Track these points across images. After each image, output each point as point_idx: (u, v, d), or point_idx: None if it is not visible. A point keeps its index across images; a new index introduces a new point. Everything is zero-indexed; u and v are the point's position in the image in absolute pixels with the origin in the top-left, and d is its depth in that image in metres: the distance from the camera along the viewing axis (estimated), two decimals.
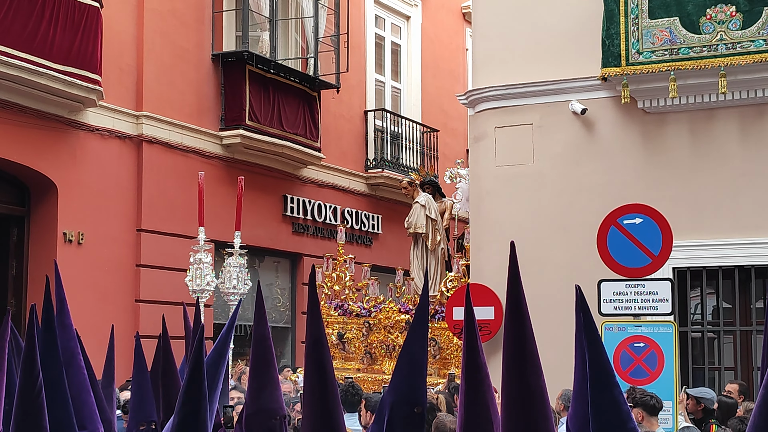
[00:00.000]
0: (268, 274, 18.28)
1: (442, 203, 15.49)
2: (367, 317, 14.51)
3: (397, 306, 14.45)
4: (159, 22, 15.71)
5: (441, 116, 21.84)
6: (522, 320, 2.05)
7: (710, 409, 9.24)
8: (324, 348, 2.27)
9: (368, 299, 14.78)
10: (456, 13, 23.43)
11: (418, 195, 14.97)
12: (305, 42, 18.47)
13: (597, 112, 12.08)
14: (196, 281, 10.18)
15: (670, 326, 8.86)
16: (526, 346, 2.03)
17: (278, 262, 18.40)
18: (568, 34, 12.20)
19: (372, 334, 14.42)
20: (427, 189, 15.30)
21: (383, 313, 14.41)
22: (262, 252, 17.85)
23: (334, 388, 2.25)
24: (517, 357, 2.03)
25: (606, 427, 2.06)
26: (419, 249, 14.82)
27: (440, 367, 13.71)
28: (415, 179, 15.36)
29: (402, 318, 14.21)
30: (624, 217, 9.13)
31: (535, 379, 2.02)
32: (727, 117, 11.56)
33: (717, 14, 11.06)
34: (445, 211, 15.40)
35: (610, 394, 2.07)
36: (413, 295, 14.45)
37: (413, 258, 14.87)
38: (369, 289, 14.95)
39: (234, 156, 16.84)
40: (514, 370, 2.03)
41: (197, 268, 9.55)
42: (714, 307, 12.09)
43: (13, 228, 14.35)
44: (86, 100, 14.11)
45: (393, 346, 14.21)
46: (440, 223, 14.93)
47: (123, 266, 14.93)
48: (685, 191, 11.56)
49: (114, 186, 14.86)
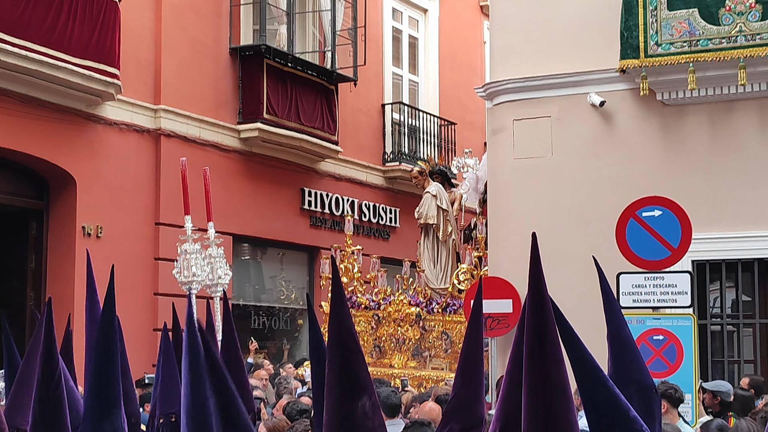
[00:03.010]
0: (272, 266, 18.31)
1: (452, 193, 15.26)
2: (376, 310, 14.29)
3: (407, 298, 14.24)
4: (177, 16, 15.73)
5: (459, 109, 21.79)
6: (544, 311, 2.04)
7: (727, 402, 9.22)
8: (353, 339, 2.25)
9: (377, 291, 14.58)
10: (474, 5, 23.38)
11: (429, 185, 14.78)
12: (323, 35, 18.46)
13: (615, 104, 12.03)
14: (183, 273, 9.89)
15: (690, 319, 8.82)
16: (548, 338, 2.02)
17: (282, 254, 18.37)
18: (586, 26, 12.15)
19: (381, 327, 14.20)
20: (436, 178, 15.10)
21: (393, 305, 14.20)
22: (280, 245, 17.89)
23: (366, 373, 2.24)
24: (538, 348, 2.02)
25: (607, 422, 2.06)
26: (430, 240, 14.59)
27: (452, 362, 13.51)
28: (425, 168, 15.20)
29: (412, 311, 13.95)
30: (643, 209, 9.09)
31: (556, 370, 2.00)
32: (746, 109, 11.50)
33: (736, 5, 11.00)
34: (455, 202, 15.22)
35: (605, 389, 2.07)
36: (423, 287, 14.31)
37: (423, 249, 14.64)
38: (378, 281, 14.77)
39: (252, 149, 16.86)
40: (535, 361, 2.02)
41: (184, 260, 9.29)
42: (733, 300, 12.04)
43: (32, 222, 14.41)
44: (104, 93, 14.14)
45: (402, 339, 13.99)
46: (451, 214, 14.71)
47: (142, 260, 14.97)
48: (704, 183, 11.50)
49: (132, 179, 14.90)
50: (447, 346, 13.59)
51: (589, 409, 2.08)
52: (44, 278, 14.24)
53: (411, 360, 13.86)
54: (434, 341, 13.83)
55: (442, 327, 13.72)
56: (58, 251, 14.18)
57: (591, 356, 2.10)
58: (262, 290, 18.21)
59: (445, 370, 13.34)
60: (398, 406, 8.66)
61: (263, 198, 17.14)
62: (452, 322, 13.66)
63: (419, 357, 13.88)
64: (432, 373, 13.47)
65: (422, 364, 13.84)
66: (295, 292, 18.55)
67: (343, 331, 2.15)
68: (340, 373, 2.14)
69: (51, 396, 2.40)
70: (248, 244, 17.51)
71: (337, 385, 2.15)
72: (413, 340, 13.96)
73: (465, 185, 15.58)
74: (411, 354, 13.93)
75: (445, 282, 14.24)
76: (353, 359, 2.14)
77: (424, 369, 13.71)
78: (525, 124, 12.51)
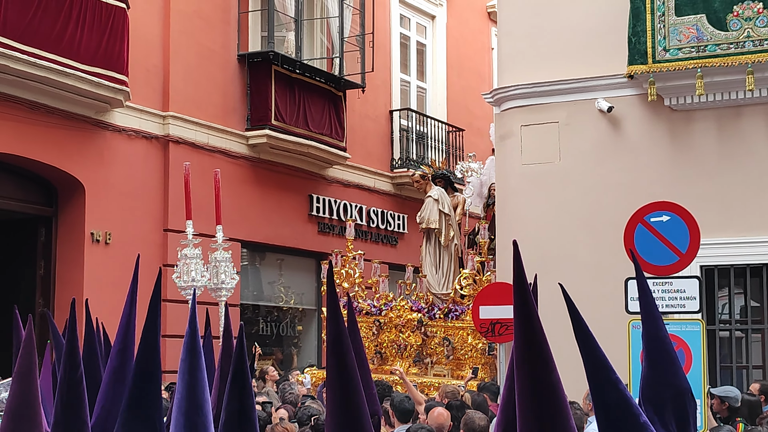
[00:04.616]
0: (280, 272, 18.31)
1: (455, 198, 15.18)
2: (377, 315, 14.18)
3: (408, 304, 14.11)
4: (185, 23, 15.77)
5: (466, 115, 21.80)
6: (530, 318, 2.03)
7: (735, 408, 9.21)
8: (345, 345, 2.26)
9: (379, 297, 14.44)
10: (481, 12, 23.40)
11: (431, 189, 14.70)
12: (330, 42, 18.49)
13: (623, 109, 12.03)
14: (183, 278, 9.85)
15: (698, 324, 8.81)
16: (535, 344, 2.01)
17: (282, 259, 18.36)
18: (593, 31, 12.16)
19: (382, 333, 14.08)
20: (439, 183, 15.02)
21: (394, 311, 14.09)
22: (288, 251, 17.90)
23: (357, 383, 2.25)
24: (526, 353, 2.02)
25: (617, 424, 2.05)
26: (432, 245, 14.49)
27: (454, 368, 13.46)
28: (428, 173, 15.16)
29: (414, 317, 13.83)
30: (651, 214, 9.08)
31: (546, 374, 2.00)
32: (754, 114, 11.49)
33: (744, 11, 11.00)
34: (458, 206, 15.11)
35: (616, 391, 2.06)
36: (425, 293, 14.22)
37: (425, 254, 14.54)
38: (380, 287, 14.64)
39: (260, 156, 16.89)
40: (524, 366, 2.01)
41: (184, 264, 9.25)
42: (742, 306, 12.02)
43: (41, 228, 14.44)
44: (113, 100, 14.18)
45: (404, 345, 13.86)
46: (453, 218, 14.61)
47: (150, 266, 14.95)
48: (713, 189, 11.49)
49: (141, 186, 14.92)
50: (449, 353, 13.45)
51: (599, 410, 2.08)
52: (53, 284, 14.26)
53: (412, 366, 13.76)
54: (436, 347, 13.74)
55: (444, 333, 13.61)
56: (66, 258, 14.20)
57: (604, 356, 2.09)
58: (269, 296, 18.22)
59: (447, 377, 13.25)
60: (411, 411, 8.64)
61: (271, 204, 17.16)
62: (454, 328, 13.52)
63: (420, 363, 13.81)
64: (433, 379, 13.35)
65: (424, 371, 13.75)
66: (303, 298, 18.56)
67: (343, 351, 2.18)
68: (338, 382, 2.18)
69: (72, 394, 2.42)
70: (256, 250, 17.52)
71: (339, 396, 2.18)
72: (415, 346, 13.86)
73: (469, 190, 15.55)
74: (412, 360, 13.86)
75: (447, 287, 14.14)
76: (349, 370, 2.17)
77: (425, 375, 13.63)
78: (533, 129, 12.51)
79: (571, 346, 2.28)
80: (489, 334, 12.05)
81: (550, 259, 11.60)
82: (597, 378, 2.07)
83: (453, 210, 14.73)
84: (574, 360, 2.30)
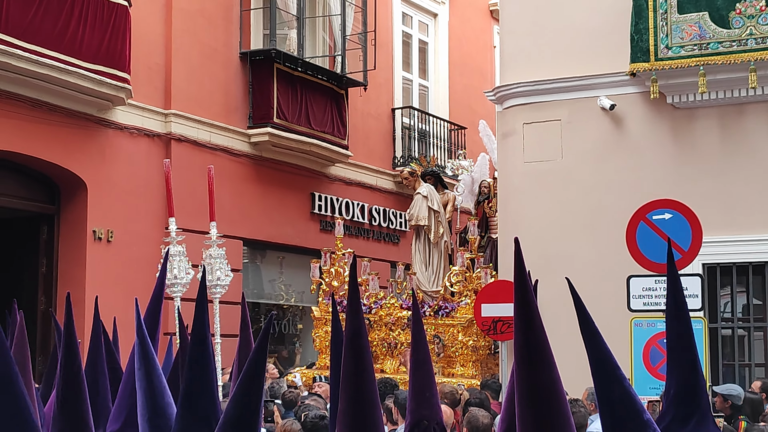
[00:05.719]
0: (282, 271, 18.30)
1: (445, 195, 15.13)
2: (367, 314, 13.89)
3: (398, 302, 14.02)
4: (187, 21, 15.76)
5: (468, 113, 21.77)
6: (531, 317, 2.03)
7: (738, 406, 9.21)
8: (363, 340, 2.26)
9: (368, 295, 14.24)
10: (483, 10, 23.38)
11: (420, 186, 14.66)
12: (332, 40, 18.48)
13: (626, 107, 12.03)
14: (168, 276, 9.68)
15: (700, 322, 8.81)
16: (535, 339, 2.01)
17: (283, 257, 18.35)
18: (596, 29, 12.15)
19: (372, 331, 13.89)
20: (429, 180, 14.97)
21: (384, 309, 13.99)
22: (290, 249, 17.90)
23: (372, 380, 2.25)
24: (526, 350, 2.02)
25: (620, 421, 2.05)
26: (421, 242, 14.45)
27: (444, 366, 13.38)
28: (417, 170, 15.13)
29: (404, 315, 13.71)
30: (653, 212, 9.09)
31: (545, 372, 2.00)
32: (757, 112, 11.49)
33: (746, 9, 10.99)
34: (448, 203, 15.05)
35: (620, 388, 2.06)
36: (415, 290, 14.14)
37: (415, 251, 14.49)
38: (369, 285, 14.50)
39: (262, 154, 16.88)
40: (523, 363, 2.02)
41: (168, 262, 9.12)
42: (744, 304, 12.02)
43: (43, 226, 14.44)
44: (115, 98, 14.18)
45: (394, 343, 13.77)
46: (443, 216, 14.54)
47: (152, 264, 14.97)
48: (715, 187, 11.49)
49: (143, 184, 14.92)
50: (439, 350, 13.34)
51: (604, 406, 2.08)
52: (55, 282, 14.26)
53: (403, 365, 13.71)
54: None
55: (434, 331, 13.51)
56: (69, 256, 14.20)
57: (610, 352, 2.09)
58: (270, 294, 18.22)
59: (438, 374, 13.18)
60: None
61: (273, 202, 17.15)
62: (444, 325, 13.44)
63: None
64: None
65: None
66: (304, 296, 18.55)
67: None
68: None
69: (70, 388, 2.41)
70: (257, 248, 17.52)
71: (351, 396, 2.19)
72: (405, 344, 13.78)
73: (460, 187, 15.53)
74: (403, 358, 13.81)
75: (437, 285, 14.10)
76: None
77: None
78: (535, 127, 12.51)
79: (571, 345, 2.28)
80: (491, 332, 12.05)
81: (551, 256, 11.60)
82: (602, 374, 2.07)
83: (443, 207, 14.68)
84: (574, 359, 2.29)
